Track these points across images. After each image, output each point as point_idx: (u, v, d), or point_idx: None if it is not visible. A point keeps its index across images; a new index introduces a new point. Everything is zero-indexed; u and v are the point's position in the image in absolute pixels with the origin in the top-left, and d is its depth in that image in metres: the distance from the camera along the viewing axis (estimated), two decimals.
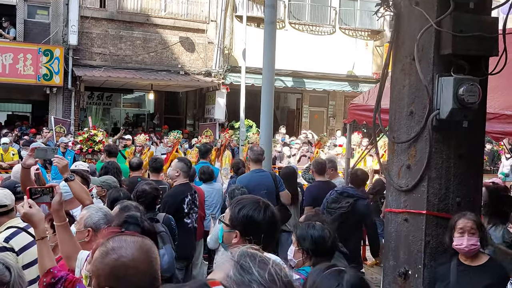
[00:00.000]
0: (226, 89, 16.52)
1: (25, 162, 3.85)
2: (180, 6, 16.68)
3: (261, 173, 5.84)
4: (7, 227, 3.43)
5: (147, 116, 21.86)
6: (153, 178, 6.20)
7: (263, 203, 2.35)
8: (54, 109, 15.20)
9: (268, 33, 7.50)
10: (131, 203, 3.54)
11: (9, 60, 14.09)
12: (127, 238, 1.69)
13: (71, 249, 2.70)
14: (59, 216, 2.61)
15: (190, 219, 5.37)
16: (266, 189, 5.59)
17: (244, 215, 2.28)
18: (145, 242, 1.70)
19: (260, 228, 2.26)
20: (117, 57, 15.91)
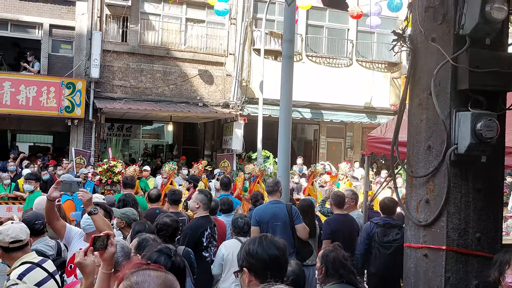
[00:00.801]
0: (243, 120, 16.66)
1: (50, 195, 3.92)
2: (200, 40, 17.06)
3: (276, 204, 5.72)
4: (22, 262, 3.43)
5: (165, 147, 22.08)
6: (172, 210, 6.24)
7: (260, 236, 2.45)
8: (75, 140, 15.47)
9: (286, 66, 7.60)
10: (149, 236, 3.57)
11: (33, 92, 14.47)
12: (150, 273, 1.69)
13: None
14: (109, 265, 2.52)
15: (209, 252, 5.36)
16: (280, 221, 5.51)
17: (244, 251, 2.40)
18: (168, 277, 1.71)
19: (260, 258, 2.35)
20: (137, 89, 16.23)
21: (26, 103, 14.39)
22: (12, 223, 3.61)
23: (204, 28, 17.17)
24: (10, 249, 3.43)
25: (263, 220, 5.56)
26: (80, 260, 2.49)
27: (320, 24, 18.45)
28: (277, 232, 5.31)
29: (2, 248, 3.46)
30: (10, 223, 3.64)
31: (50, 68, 15.36)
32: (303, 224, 5.69)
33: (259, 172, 12.19)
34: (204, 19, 17.19)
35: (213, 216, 6.11)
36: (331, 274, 3.43)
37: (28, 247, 3.59)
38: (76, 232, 4.28)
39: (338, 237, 5.48)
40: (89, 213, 3.79)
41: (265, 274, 2.29)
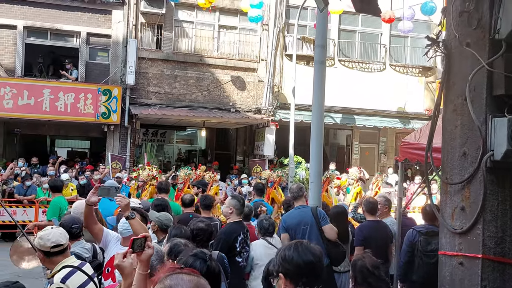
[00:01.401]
0: (275, 126, 16.69)
1: (89, 200, 4.04)
2: (232, 46, 17.22)
3: (301, 209, 5.76)
4: (63, 266, 3.51)
5: (198, 152, 22.33)
6: (204, 215, 6.30)
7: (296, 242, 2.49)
8: (111, 145, 15.83)
9: (318, 71, 7.58)
10: (180, 241, 3.62)
11: (71, 99, 14.91)
12: (183, 277, 1.72)
13: None
14: (146, 266, 2.59)
15: (242, 257, 5.39)
16: (307, 225, 5.53)
17: (279, 257, 2.43)
18: (200, 281, 1.73)
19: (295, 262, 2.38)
20: (171, 95, 16.50)
21: (64, 110, 14.83)
22: (52, 228, 3.73)
23: (237, 34, 17.33)
24: (51, 254, 3.53)
25: (291, 226, 5.58)
26: (119, 263, 2.56)
27: (353, 28, 18.34)
28: (306, 236, 5.33)
29: (43, 253, 3.56)
30: (50, 228, 3.76)
31: (88, 76, 15.79)
32: (330, 225, 5.67)
33: (277, 178, 12.19)
34: (236, 25, 17.35)
35: (247, 221, 6.15)
36: (360, 283, 3.41)
37: (68, 251, 3.69)
38: (113, 236, 4.39)
39: (371, 244, 5.44)
40: (126, 218, 3.88)
41: (301, 280, 2.33)
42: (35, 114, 14.65)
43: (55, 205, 7.11)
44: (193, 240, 4.28)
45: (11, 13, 15.19)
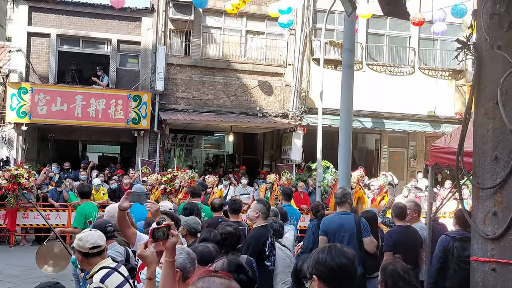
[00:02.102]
0: (302, 130, 16.66)
1: (121, 205, 4.16)
2: (259, 51, 17.30)
3: (344, 215, 5.64)
4: (100, 267, 3.61)
5: (226, 157, 22.46)
6: (232, 220, 6.34)
7: (330, 245, 2.54)
8: (141, 150, 16.09)
9: (346, 75, 7.58)
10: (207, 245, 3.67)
11: (102, 105, 15.23)
12: (215, 280, 1.75)
13: (172, 284, 2.77)
14: (171, 254, 2.70)
15: (270, 261, 5.41)
16: (347, 233, 5.44)
17: (314, 259, 2.48)
18: (232, 285, 1.75)
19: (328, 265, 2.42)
20: (199, 101, 16.67)
21: (96, 116, 15.15)
22: (90, 231, 3.84)
23: (264, 39, 17.40)
24: (89, 255, 3.65)
25: (330, 231, 5.51)
26: (141, 252, 2.69)
27: (381, 32, 18.19)
28: (344, 243, 5.29)
29: (82, 254, 3.67)
30: (88, 230, 3.87)
31: (118, 82, 16.10)
32: (371, 237, 5.58)
33: (286, 181, 12.22)
34: (263, 30, 17.42)
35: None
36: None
37: (105, 253, 3.80)
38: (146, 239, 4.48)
39: (400, 249, 5.37)
40: (157, 223, 3.96)
41: (334, 282, 2.39)
42: (67, 120, 15.02)
43: (80, 212, 7.13)
44: (222, 243, 4.32)
45: (45, 22, 15.64)
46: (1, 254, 11.14)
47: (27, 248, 11.15)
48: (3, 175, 11.69)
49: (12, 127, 14.96)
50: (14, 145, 14.87)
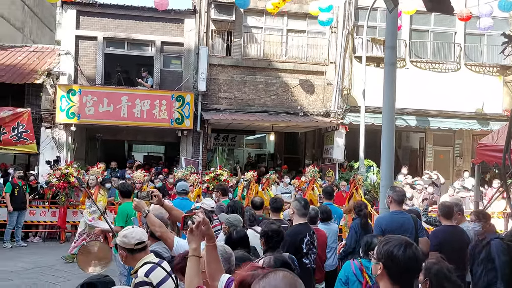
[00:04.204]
0: (345, 129, 16.53)
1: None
2: (300, 50, 17.28)
3: (402, 215, 5.56)
4: (144, 262, 3.72)
5: (267, 156, 22.54)
6: (274, 218, 6.39)
7: (406, 242, 2.57)
8: (185, 150, 16.39)
9: (388, 73, 7.47)
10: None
11: (147, 106, 15.61)
12: (280, 274, 1.75)
13: (216, 269, 2.83)
14: (210, 237, 2.79)
15: (309, 259, 5.41)
16: (405, 233, 5.28)
17: (386, 250, 2.54)
18: (294, 278, 1.76)
19: (398, 263, 2.49)
20: (241, 100, 16.82)
21: (141, 116, 15.54)
22: (133, 227, 3.97)
23: (305, 38, 17.36)
24: (134, 251, 3.77)
25: (389, 230, 5.39)
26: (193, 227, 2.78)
27: (425, 28, 17.79)
28: None
29: (127, 250, 3.78)
30: (131, 227, 4.00)
31: (162, 83, 16.45)
32: (426, 238, 5.55)
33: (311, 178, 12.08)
34: (304, 29, 17.38)
35: (313, 225, 6.16)
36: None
37: (148, 248, 3.93)
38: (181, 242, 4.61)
39: (446, 249, 5.26)
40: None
41: (398, 276, 2.49)
42: (114, 120, 15.47)
43: (122, 212, 7.19)
44: (266, 241, 4.38)
45: (92, 26, 16.17)
46: (53, 249, 11.61)
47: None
48: (54, 174, 12.19)
49: (62, 127, 15.54)
50: (64, 145, 15.44)
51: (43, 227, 13.10)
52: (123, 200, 7.52)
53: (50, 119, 15.45)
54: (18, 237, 12.13)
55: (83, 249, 7.14)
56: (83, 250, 7.12)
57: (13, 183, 12.33)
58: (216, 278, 2.82)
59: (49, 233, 13.01)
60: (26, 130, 14.67)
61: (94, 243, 7.42)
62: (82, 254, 7.06)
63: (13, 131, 14.60)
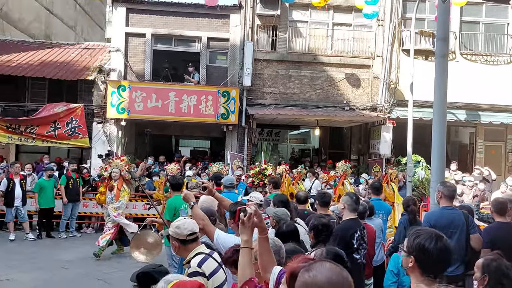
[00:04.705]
0: (392, 124, 16.26)
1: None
2: (346, 43, 17.10)
3: (452, 211, 5.47)
4: (196, 253, 3.78)
5: (312, 151, 22.45)
6: (322, 212, 6.39)
7: (436, 235, 2.59)
8: (230, 144, 16.58)
9: (439, 66, 7.29)
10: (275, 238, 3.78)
11: (193, 101, 15.87)
12: (326, 264, 1.75)
13: (269, 261, 2.87)
14: (262, 229, 2.84)
15: (359, 254, 5.40)
16: (455, 229, 5.28)
17: (417, 243, 2.56)
18: (342, 272, 1.74)
19: (430, 256, 2.52)
20: (286, 95, 16.84)
21: (188, 111, 15.83)
22: (184, 218, 4.07)
23: (351, 31, 17.18)
24: (187, 241, 3.84)
25: (439, 226, 5.30)
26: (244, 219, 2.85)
27: (476, 20, 17.22)
28: (453, 239, 5.13)
29: (179, 241, 3.84)
30: (182, 218, 4.10)
31: (208, 78, 16.68)
32: (477, 234, 5.44)
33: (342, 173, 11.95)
34: (350, 22, 17.20)
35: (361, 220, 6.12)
36: (493, 285, 3.29)
37: (199, 239, 3.99)
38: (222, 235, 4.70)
39: (499, 246, 5.12)
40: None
41: (429, 268, 2.52)
42: (162, 116, 15.82)
43: (171, 205, 7.29)
44: (316, 235, 4.41)
45: (141, 23, 16.57)
46: None
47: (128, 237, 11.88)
48: (106, 167, 12.62)
49: (113, 122, 16.04)
50: (114, 140, 15.94)
51: (96, 219, 13.61)
52: (173, 193, 7.65)
53: (101, 114, 15.97)
54: (72, 228, 12.68)
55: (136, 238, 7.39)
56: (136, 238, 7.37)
57: (68, 176, 12.89)
58: (268, 269, 2.84)
59: (101, 225, 13.48)
60: (79, 125, 15.29)
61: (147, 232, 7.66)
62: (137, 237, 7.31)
63: (67, 126, 15.25)
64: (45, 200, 12.45)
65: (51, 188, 12.61)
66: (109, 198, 10.30)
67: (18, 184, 12.13)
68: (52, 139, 15.33)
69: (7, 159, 15.94)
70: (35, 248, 10.97)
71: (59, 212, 12.83)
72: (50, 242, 11.99)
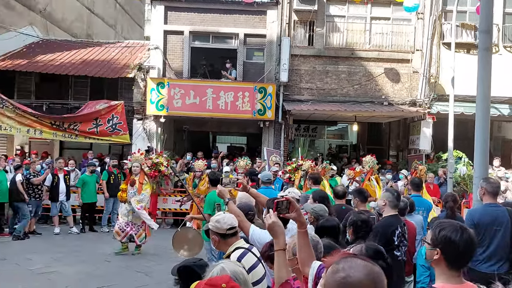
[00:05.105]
0: (432, 119, 15.92)
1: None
2: (385, 37, 16.83)
3: (496, 208, 5.30)
4: (235, 248, 3.80)
5: (349, 147, 22.23)
6: (362, 208, 6.34)
7: (461, 227, 2.59)
8: (266, 140, 16.61)
9: (483, 59, 7.09)
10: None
11: (230, 98, 15.97)
12: (357, 261, 1.73)
13: (308, 255, 2.88)
14: (301, 224, 2.84)
15: (400, 251, 5.33)
16: (499, 226, 5.13)
17: (443, 236, 2.56)
18: (375, 268, 1.72)
19: (456, 248, 2.52)
20: (323, 91, 16.73)
21: (225, 108, 15.95)
22: (224, 213, 4.13)
23: (390, 25, 16.89)
24: (226, 236, 3.87)
25: (482, 224, 5.19)
26: (274, 221, 2.87)
27: None
28: (496, 237, 5.03)
29: (219, 235, 3.88)
30: (222, 213, 4.15)
31: (245, 75, 16.75)
32: None
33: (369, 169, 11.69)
34: (389, 16, 16.91)
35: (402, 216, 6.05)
36: None
37: (239, 234, 4.03)
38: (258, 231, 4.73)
39: None
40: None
41: (455, 260, 2.53)
42: (200, 112, 15.99)
43: (210, 199, 7.35)
44: (355, 231, 4.39)
45: (179, 20, 16.79)
46: None
47: (167, 231, 12.11)
48: (146, 163, 12.88)
49: (152, 119, 16.33)
50: (154, 136, 16.25)
51: None
52: (212, 188, 7.71)
53: (141, 111, 16.29)
54: (114, 222, 12.99)
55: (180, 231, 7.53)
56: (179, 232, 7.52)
57: (109, 172, 13.24)
58: (307, 264, 2.85)
59: None
60: (120, 121, 15.67)
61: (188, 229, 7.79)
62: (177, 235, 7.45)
63: (108, 123, 15.64)
64: (88, 195, 12.84)
65: (93, 183, 12.99)
66: (131, 192, 9.98)
67: (62, 179, 12.54)
68: (94, 136, 15.79)
69: (52, 155, 16.50)
70: (79, 241, 11.33)
71: (101, 207, 13.20)
72: (93, 235, 12.36)
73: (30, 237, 11.54)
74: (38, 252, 10.04)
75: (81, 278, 8.27)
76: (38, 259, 9.48)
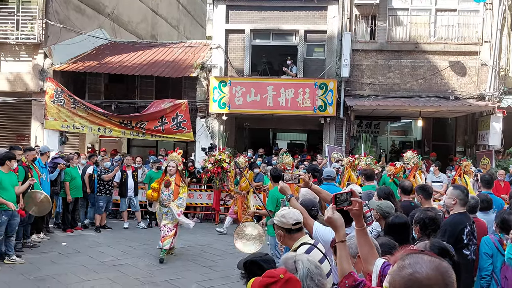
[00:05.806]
0: (502, 113, 15.23)
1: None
2: (451, 29, 16.25)
3: None
4: (301, 243, 3.81)
5: (413, 144, 21.64)
6: (426, 205, 6.21)
7: None
8: (328, 137, 16.50)
9: None
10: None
11: (291, 94, 16.01)
12: (424, 257, 1.71)
13: (369, 252, 2.87)
14: (358, 222, 2.81)
15: (469, 250, 5.19)
16: None
17: None
18: (442, 264, 1.69)
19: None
20: (385, 86, 16.40)
21: (285, 104, 16.01)
22: (289, 208, 4.17)
23: (456, 17, 16.29)
24: (292, 230, 3.89)
25: None
26: (330, 215, 2.83)
27: None
28: None
29: (285, 230, 3.89)
30: (287, 208, 4.20)
31: (305, 71, 16.72)
32: None
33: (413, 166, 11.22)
34: (455, 7, 16.30)
35: (472, 214, 5.87)
36: None
37: (303, 229, 4.05)
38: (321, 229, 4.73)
39: None
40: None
41: None
42: (260, 110, 16.15)
43: (273, 196, 7.45)
44: (422, 228, 4.32)
45: (240, 19, 17.01)
46: (209, 230, 12.63)
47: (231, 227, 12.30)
48: (209, 159, 13.20)
49: (215, 117, 16.68)
50: (216, 134, 16.58)
51: (200, 209, 14.27)
52: (274, 184, 7.74)
53: (204, 109, 16.67)
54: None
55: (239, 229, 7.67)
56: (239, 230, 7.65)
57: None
58: (369, 261, 2.83)
59: (205, 215, 14.15)
60: (184, 120, 16.12)
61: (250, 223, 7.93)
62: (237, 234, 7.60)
63: (173, 121, 16.14)
64: None
65: None
66: (166, 195, 9.21)
67: (130, 175, 13.07)
68: (160, 134, 16.34)
69: (120, 153, 17.24)
70: (147, 236, 11.77)
71: None
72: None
73: (101, 231, 12.13)
74: (109, 246, 10.54)
75: (151, 271, 8.60)
76: (109, 252, 9.95)
